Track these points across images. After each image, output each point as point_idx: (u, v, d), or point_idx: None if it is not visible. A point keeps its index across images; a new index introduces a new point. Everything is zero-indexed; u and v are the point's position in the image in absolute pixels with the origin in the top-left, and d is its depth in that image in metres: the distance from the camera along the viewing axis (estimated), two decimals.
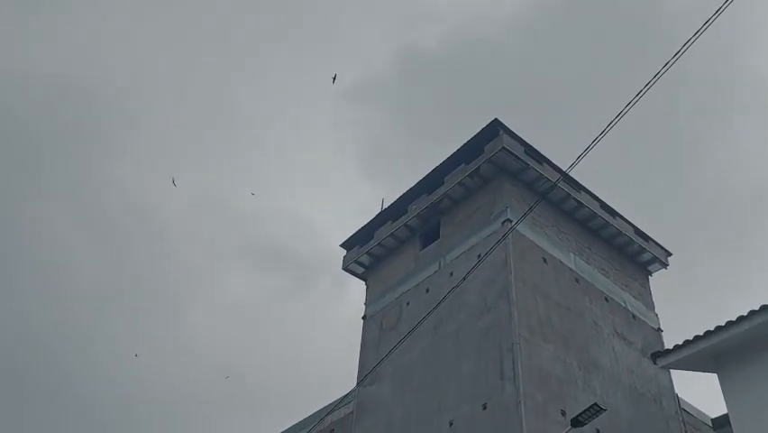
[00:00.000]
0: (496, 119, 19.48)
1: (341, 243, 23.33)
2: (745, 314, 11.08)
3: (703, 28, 6.81)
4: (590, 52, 58.32)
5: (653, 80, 7.27)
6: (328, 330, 63.04)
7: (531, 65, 60.18)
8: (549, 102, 56.96)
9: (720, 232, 54.14)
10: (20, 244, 56.82)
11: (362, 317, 21.31)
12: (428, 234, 20.82)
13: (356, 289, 64.65)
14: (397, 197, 21.86)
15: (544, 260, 18.20)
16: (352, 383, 19.42)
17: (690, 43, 6.95)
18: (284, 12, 64.54)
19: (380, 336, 19.84)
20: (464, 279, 14.03)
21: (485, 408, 14.97)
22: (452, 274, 18.37)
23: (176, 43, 65.57)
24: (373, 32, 67.43)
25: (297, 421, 21.55)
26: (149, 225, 62.32)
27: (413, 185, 21.44)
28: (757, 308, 10.94)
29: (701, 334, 11.54)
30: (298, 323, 63.94)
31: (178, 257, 62.95)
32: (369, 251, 22.08)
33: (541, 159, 19.77)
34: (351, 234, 23.00)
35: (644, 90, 7.38)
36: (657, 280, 22.02)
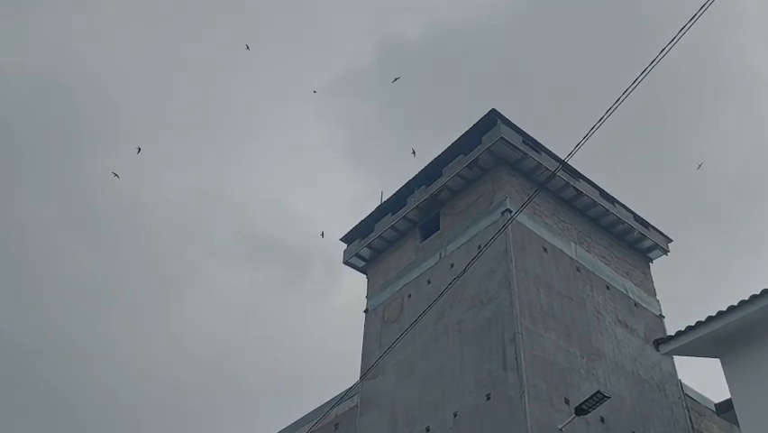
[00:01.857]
0: (493, 109, 19.44)
1: (341, 237, 23.32)
2: (747, 298, 11.08)
3: (699, 12, 6.78)
4: (580, 39, 58.19)
5: (649, 67, 7.24)
6: (321, 322, 63.17)
7: (518, 53, 60.08)
8: (538, 90, 56.87)
9: (714, 217, 54.21)
10: (4, 240, 56.88)
11: (364, 311, 21.32)
12: (428, 225, 20.82)
13: (349, 280, 64.95)
14: (396, 189, 21.86)
15: (545, 249, 18.19)
16: (348, 375, 19.53)
17: (686, 29, 6.92)
18: (267, 6, 64.53)
19: (382, 329, 19.86)
20: (465, 270, 14.03)
21: (489, 398, 14.99)
22: (452, 265, 18.37)
23: (161, 38, 65.47)
24: (355, 24, 67.46)
25: (301, 416, 21.61)
26: (137, 219, 62.32)
27: (411, 177, 21.41)
28: (758, 292, 10.94)
29: (703, 319, 11.55)
30: (291, 315, 64.10)
31: (167, 251, 63.05)
32: (369, 244, 22.07)
33: (539, 148, 19.74)
34: (350, 228, 23.00)
35: (641, 78, 7.35)
36: (658, 266, 22.05)
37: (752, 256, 51.17)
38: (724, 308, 11.32)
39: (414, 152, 23.04)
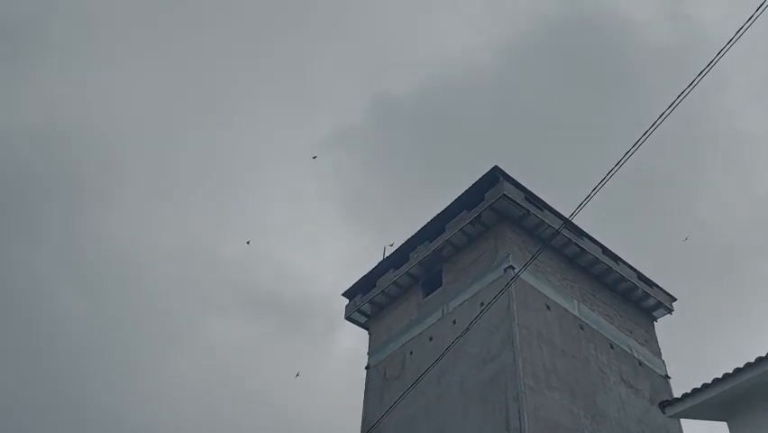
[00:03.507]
0: (496, 166, 19.60)
1: (343, 291, 23.25)
2: (752, 361, 10.93)
3: (697, 79, 6.91)
4: (567, 95, 59.24)
5: (650, 130, 7.34)
6: (319, 377, 62.35)
7: (509, 111, 61.16)
8: (531, 146, 57.52)
9: (710, 277, 54.11)
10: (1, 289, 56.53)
11: (365, 367, 21.08)
12: (430, 281, 20.75)
13: (345, 335, 64.49)
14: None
15: (548, 307, 18.07)
16: (345, 429, 19.13)
17: (685, 94, 7.04)
18: (263, 64, 66.17)
19: (384, 386, 19.59)
20: (467, 329, 13.92)
21: None
22: (455, 322, 18.23)
23: (160, 95, 66.81)
24: (347, 82, 69.19)
25: None
26: (132, 271, 62.20)
27: (414, 233, 21.45)
28: (764, 354, 10.80)
29: (709, 382, 11.37)
30: (287, 370, 63.37)
31: (162, 304, 62.75)
32: (371, 299, 21.97)
33: (542, 205, 19.82)
34: (352, 284, 22.93)
35: (643, 139, 7.44)
36: (662, 324, 21.85)
37: (749, 312, 50.99)
38: (729, 371, 11.16)
39: None
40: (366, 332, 22.54)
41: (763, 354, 10.82)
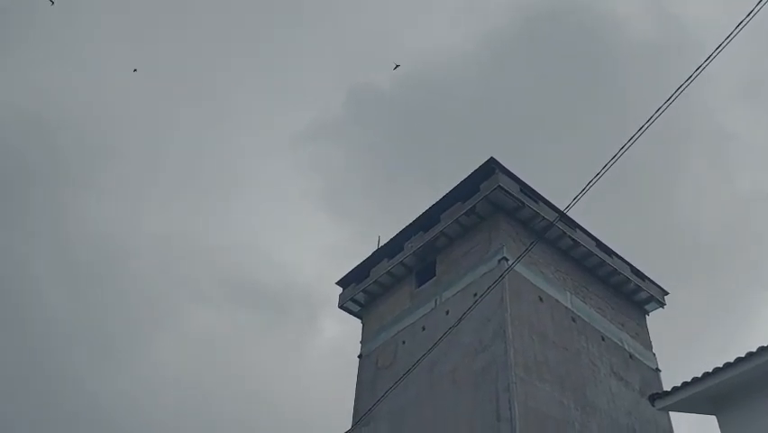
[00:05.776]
0: (492, 158, 19.60)
1: (337, 280, 23.27)
2: (743, 355, 11.00)
3: (695, 74, 6.92)
4: (545, 90, 59.56)
5: (646, 126, 7.35)
6: (300, 366, 62.53)
7: (488, 103, 61.42)
8: (510, 138, 57.70)
9: (699, 272, 54.41)
10: None
11: (358, 356, 21.14)
12: (424, 271, 20.78)
13: (329, 325, 64.68)
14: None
15: (540, 298, 18.13)
16: (338, 422, 19.17)
17: (682, 88, 7.05)
18: (246, 57, 66.40)
19: (376, 375, 19.65)
20: (460, 320, 13.95)
21: None
22: (447, 312, 18.29)
23: (146, 85, 66.72)
24: (327, 75, 69.74)
25: None
26: (116, 259, 62.10)
27: (409, 223, 21.47)
28: (755, 349, 10.87)
29: (699, 376, 11.44)
30: (269, 359, 63.51)
31: (145, 292, 62.75)
32: (365, 288, 22.00)
33: (537, 197, 19.84)
34: (347, 272, 22.95)
35: (637, 135, 7.45)
36: (654, 319, 21.96)
37: (743, 307, 51.37)
38: (720, 365, 11.23)
39: None
40: (353, 322, 22.62)
41: (754, 349, 10.89)
